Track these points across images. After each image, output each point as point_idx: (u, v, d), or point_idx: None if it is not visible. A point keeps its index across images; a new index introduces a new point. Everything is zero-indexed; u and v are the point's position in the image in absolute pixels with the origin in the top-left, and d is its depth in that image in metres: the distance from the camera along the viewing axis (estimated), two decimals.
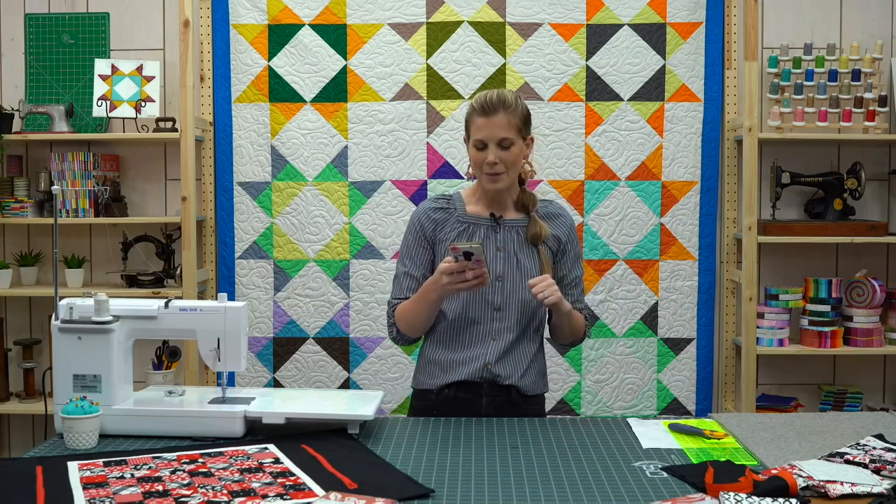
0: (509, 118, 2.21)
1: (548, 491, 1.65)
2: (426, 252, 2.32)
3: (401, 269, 2.35)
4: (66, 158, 3.58)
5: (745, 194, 3.45)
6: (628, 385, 3.64)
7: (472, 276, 2.10)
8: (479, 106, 2.22)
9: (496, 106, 2.20)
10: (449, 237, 2.29)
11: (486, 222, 2.30)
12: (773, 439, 1.94)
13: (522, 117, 2.24)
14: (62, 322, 2.03)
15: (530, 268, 2.28)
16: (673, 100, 3.61)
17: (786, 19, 3.72)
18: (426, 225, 2.32)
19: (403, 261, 2.34)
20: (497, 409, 2.29)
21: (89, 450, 1.91)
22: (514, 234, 2.30)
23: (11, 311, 3.81)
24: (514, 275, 2.27)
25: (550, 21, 3.61)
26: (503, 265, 2.28)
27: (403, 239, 2.37)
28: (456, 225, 2.30)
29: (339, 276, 3.64)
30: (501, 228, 2.30)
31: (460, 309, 2.28)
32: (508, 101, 2.22)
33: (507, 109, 2.21)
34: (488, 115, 2.20)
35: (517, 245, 2.29)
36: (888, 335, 3.57)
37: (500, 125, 2.20)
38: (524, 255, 2.29)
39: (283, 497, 1.58)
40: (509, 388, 2.29)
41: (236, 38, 3.63)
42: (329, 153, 3.63)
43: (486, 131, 2.21)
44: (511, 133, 2.21)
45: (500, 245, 2.29)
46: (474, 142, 2.23)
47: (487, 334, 2.28)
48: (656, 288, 3.64)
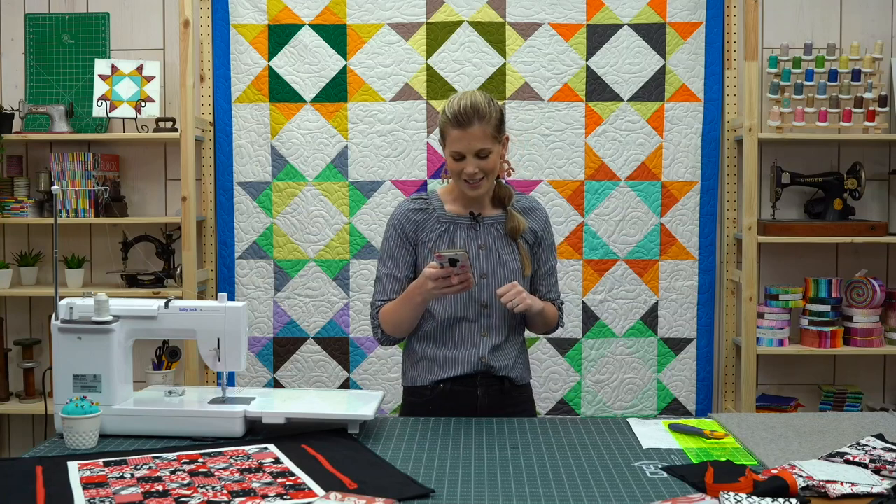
0: (484, 128, 2.18)
1: (548, 491, 1.65)
2: (408, 253, 2.32)
3: (383, 271, 2.33)
4: (66, 158, 3.58)
5: (745, 194, 3.45)
6: (628, 385, 3.64)
7: (457, 282, 2.12)
8: (452, 117, 2.18)
9: (471, 117, 2.17)
10: (430, 238, 2.30)
11: (466, 221, 2.31)
12: (773, 439, 1.94)
13: (497, 123, 2.22)
14: (62, 322, 2.03)
15: (512, 263, 2.30)
16: (673, 100, 3.61)
17: (786, 19, 3.72)
18: (406, 226, 2.31)
19: (385, 262, 2.33)
20: (491, 399, 2.31)
21: (89, 450, 1.91)
22: (494, 230, 2.31)
23: (11, 311, 3.82)
24: (499, 271, 2.29)
25: (550, 21, 3.61)
26: (486, 263, 2.29)
27: (383, 240, 2.36)
28: (436, 225, 2.30)
29: (339, 276, 3.64)
30: (481, 226, 2.31)
31: (449, 309, 2.29)
32: (482, 109, 2.18)
33: (482, 120, 2.18)
34: (463, 127, 2.17)
35: (498, 241, 2.31)
36: (888, 335, 3.57)
37: (476, 137, 2.18)
38: (505, 251, 2.30)
39: (283, 497, 1.58)
40: (502, 378, 2.32)
41: (236, 38, 3.63)
42: (329, 153, 3.63)
43: (462, 144, 2.18)
44: (487, 143, 2.19)
45: (481, 243, 2.30)
46: (451, 153, 2.21)
47: (478, 331, 2.30)
48: (656, 288, 3.64)
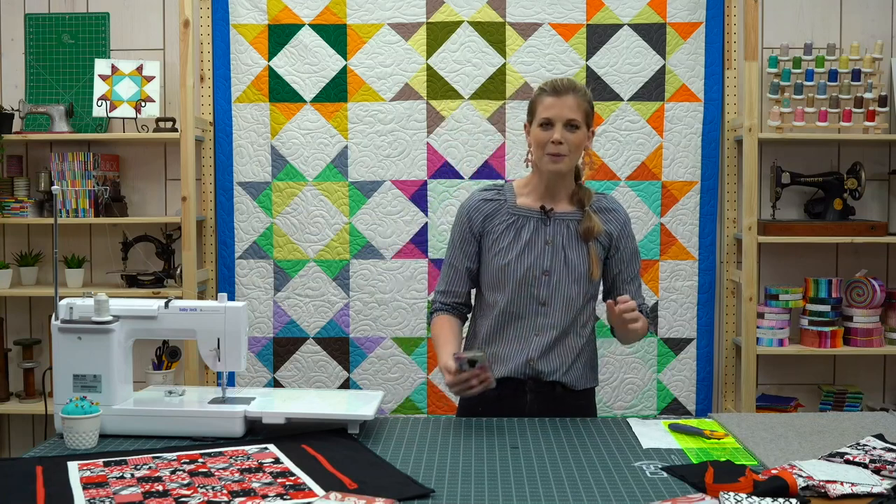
0: (579, 101, 2.23)
1: (548, 491, 1.65)
2: (471, 245, 2.34)
3: (448, 259, 2.38)
4: (66, 158, 3.58)
5: (745, 194, 3.45)
6: (628, 385, 3.64)
7: (476, 384, 2.11)
8: (549, 87, 2.25)
9: (567, 88, 2.23)
10: (498, 229, 2.29)
11: (536, 215, 2.29)
12: (773, 439, 1.94)
13: (589, 105, 2.27)
14: (62, 322, 2.03)
15: (578, 263, 2.27)
16: (673, 100, 3.61)
17: (786, 19, 3.72)
18: (474, 217, 2.32)
19: (450, 250, 2.38)
20: (541, 405, 2.28)
21: (89, 450, 1.91)
22: (565, 227, 2.28)
23: (11, 311, 3.81)
24: (561, 270, 2.26)
25: (550, 21, 3.61)
26: (550, 259, 2.26)
27: (452, 227, 2.39)
28: (505, 217, 2.30)
29: (339, 276, 3.64)
30: (552, 221, 2.28)
31: (505, 302, 2.27)
32: (579, 86, 2.25)
33: (578, 93, 2.23)
34: (559, 94, 2.22)
35: (566, 239, 2.28)
36: (888, 335, 3.57)
37: (569, 106, 2.21)
38: (572, 250, 2.27)
39: (283, 497, 1.58)
40: (553, 384, 2.28)
41: (236, 38, 3.63)
42: (329, 153, 3.63)
43: (555, 110, 2.21)
44: (579, 115, 2.22)
45: (548, 239, 2.27)
46: (540, 120, 2.23)
47: (531, 329, 2.27)
48: (656, 288, 3.64)
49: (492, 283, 2.30)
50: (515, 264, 2.26)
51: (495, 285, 2.29)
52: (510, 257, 2.27)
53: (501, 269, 2.27)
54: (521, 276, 2.26)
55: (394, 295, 3.62)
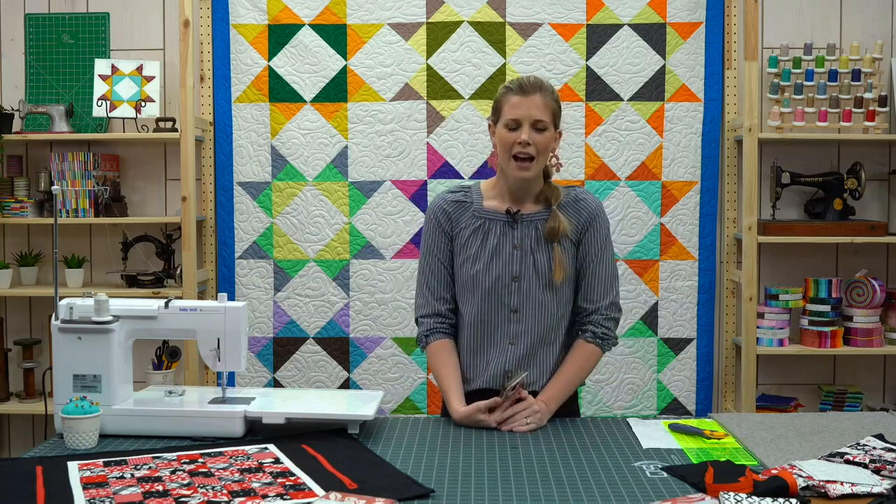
0: (546, 100, 2.15)
1: (548, 491, 1.65)
2: (446, 245, 2.25)
3: (424, 266, 2.28)
4: (66, 158, 3.58)
5: (745, 194, 3.45)
6: (628, 385, 3.64)
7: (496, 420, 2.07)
8: (516, 85, 2.16)
9: (535, 86, 2.15)
10: (464, 234, 2.23)
11: (502, 218, 2.21)
12: (773, 439, 1.94)
13: (557, 105, 2.19)
14: (62, 322, 2.03)
15: (546, 268, 2.18)
16: (673, 100, 3.61)
17: (786, 19, 3.72)
18: (441, 219, 2.25)
19: (425, 258, 2.28)
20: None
21: (89, 450, 1.91)
22: (533, 229, 2.20)
23: (11, 311, 3.82)
24: (531, 275, 2.18)
25: (550, 21, 3.61)
26: (519, 265, 2.19)
27: (423, 235, 2.31)
28: (471, 220, 2.23)
29: (339, 276, 3.64)
30: (519, 224, 2.21)
31: (476, 311, 2.21)
32: (546, 85, 2.17)
33: (545, 92, 2.16)
34: (527, 93, 2.14)
35: (534, 241, 2.19)
36: (888, 335, 3.57)
37: (537, 105, 2.13)
38: (541, 253, 2.19)
39: (283, 497, 1.58)
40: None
41: (236, 38, 3.63)
42: (329, 153, 3.63)
43: (521, 110, 2.14)
44: (546, 116, 2.14)
45: (516, 243, 2.19)
46: (506, 122, 2.16)
47: (505, 338, 2.20)
48: (656, 288, 3.64)
49: (461, 291, 2.24)
50: (484, 272, 2.19)
51: (465, 294, 2.23)
52: (479, 266, 2.19)
53: (471, 278, 2.20)
54: (490, 285, 2.18)
55: (394, 295, 3.62)
